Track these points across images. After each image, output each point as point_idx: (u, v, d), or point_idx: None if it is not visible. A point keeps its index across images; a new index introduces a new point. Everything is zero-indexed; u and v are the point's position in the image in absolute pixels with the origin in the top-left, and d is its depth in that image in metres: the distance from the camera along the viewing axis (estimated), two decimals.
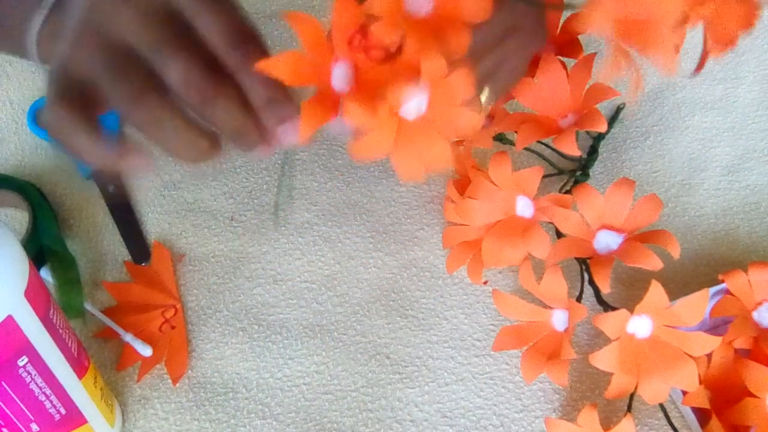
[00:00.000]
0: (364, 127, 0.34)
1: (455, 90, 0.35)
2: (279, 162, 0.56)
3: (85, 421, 0.42)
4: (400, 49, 0.35)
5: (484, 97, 0.45)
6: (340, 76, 0.35)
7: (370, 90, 0.35)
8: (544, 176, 0.49)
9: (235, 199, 0.56)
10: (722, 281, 0.46)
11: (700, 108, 0.60)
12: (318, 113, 0.35)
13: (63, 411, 0.41)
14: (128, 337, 0.49)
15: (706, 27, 0.35)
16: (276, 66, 0.34)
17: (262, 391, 0.48)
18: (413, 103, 0.35)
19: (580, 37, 0.53)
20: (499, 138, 0.56)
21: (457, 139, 0.46)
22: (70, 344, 0.40)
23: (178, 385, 0.48)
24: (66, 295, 0.50)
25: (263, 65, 0.33)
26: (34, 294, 0.37)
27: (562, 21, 0.53)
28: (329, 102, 0.35)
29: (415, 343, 0.50)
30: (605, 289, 0.45)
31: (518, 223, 0.48)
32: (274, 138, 0.36)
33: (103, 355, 0.49)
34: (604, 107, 0.59)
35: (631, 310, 0.43)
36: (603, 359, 0.43)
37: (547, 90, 0.50)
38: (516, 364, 0.49)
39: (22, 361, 0.37)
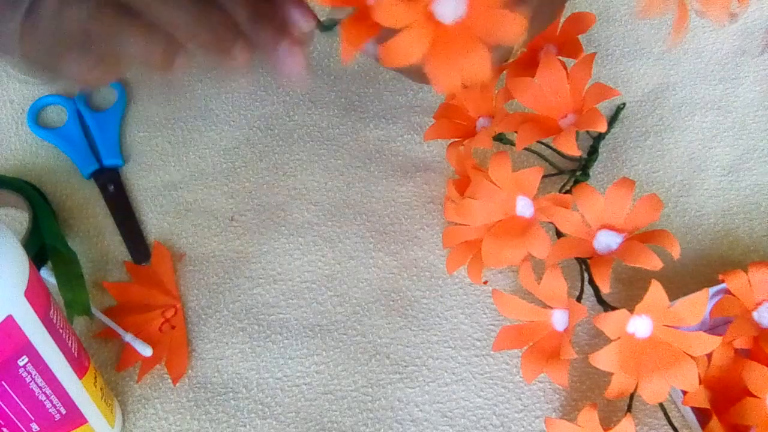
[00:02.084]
0: (397, 26, 0.32)
1: None
2: None
3: (85, 421, 0.42)
4: None
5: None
6: None
7: None
8: (544, 176, 0.49)
9: (235, 199, 0.56)
10: (722, 281, 0.46)
11: (700, 108, 0.60)
12: (358, 32, 0.33)
13: (63, 411, 0.41)
14: (128, 337, 0.49)
15: None
16: None
17: (262, 391, 0.48)
18: (449, 2, 0.33)
19: (580, 37, 0.53)
20: (499, 138, 0.56)
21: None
22: (70, 344, 0.40)
23: (178, 385, 0.48)
24: (71, 292, 0.50)
25: None
26: (34, 294, 0.37)
27: (562, 21, 0.53)
28: (369, 20, 0.33)
29: (415, 343, 0.50)
30: (605, 289, 0.45)
31: (518, 223, 0.48)
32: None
33: (103, 355, 0.49)
34: (604, 107, 0.59)
35: (631, 310, 0.43)
36: (603, 359, 0.43)
37: (547, 90, 0.50)
38: (516, 364, 0.49)
39: (22, 361, 0.37)
